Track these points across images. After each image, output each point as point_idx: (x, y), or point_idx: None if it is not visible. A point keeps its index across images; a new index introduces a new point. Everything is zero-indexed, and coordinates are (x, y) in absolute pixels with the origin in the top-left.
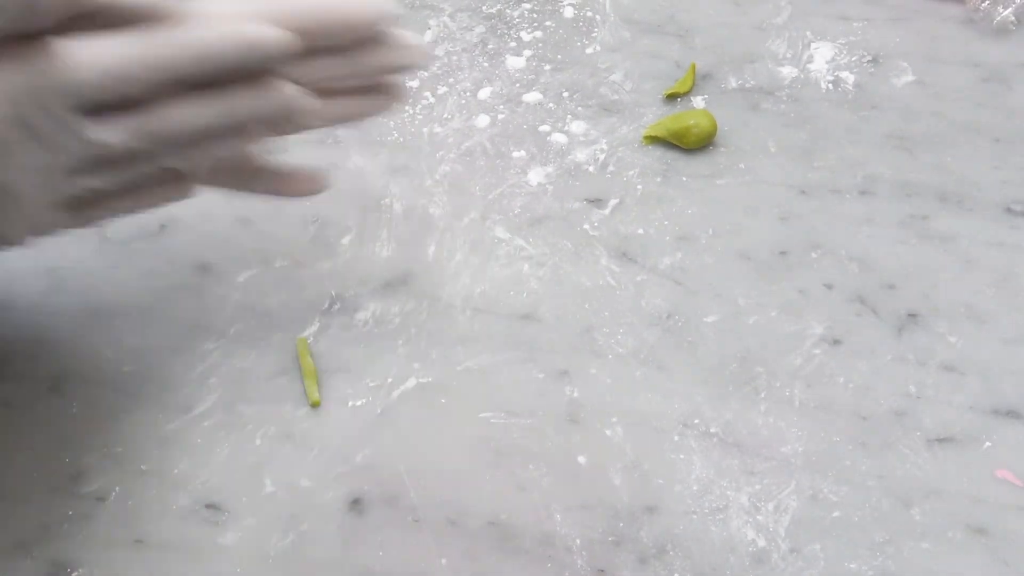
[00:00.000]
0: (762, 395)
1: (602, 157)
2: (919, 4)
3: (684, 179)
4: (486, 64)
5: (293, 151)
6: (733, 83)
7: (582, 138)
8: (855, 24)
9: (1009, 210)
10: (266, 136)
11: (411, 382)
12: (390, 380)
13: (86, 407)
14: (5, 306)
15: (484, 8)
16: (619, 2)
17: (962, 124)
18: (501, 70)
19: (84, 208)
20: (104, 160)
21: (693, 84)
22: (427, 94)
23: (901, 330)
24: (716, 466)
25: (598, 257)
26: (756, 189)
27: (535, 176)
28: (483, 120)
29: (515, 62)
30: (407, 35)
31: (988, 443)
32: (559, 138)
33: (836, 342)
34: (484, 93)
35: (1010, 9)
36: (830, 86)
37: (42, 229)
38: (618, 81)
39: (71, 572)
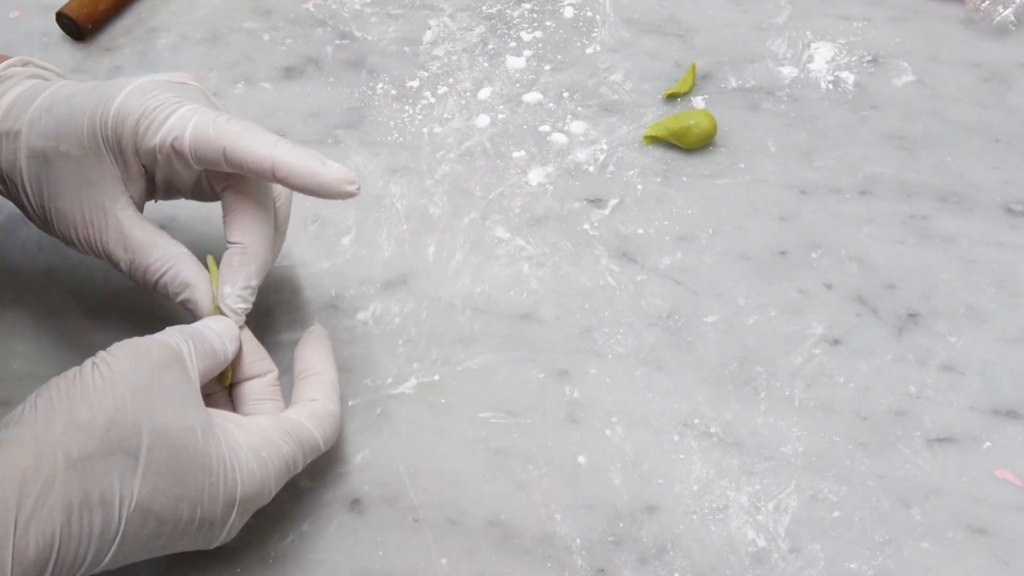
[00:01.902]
0: (762, 395)
1: (602, 157)
2: (919, 4)
3: (684, 179)
4: (486, 64)
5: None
6: (733, 83)
7: (582, 138)
8: (855, 24)
9: (1009, 210)
10: None
11: (411, 382)
12: (390, 380)
13: None
14: (5, 306)
15: (484, 8)
16: (619, 2)
17: (962, 124)
18: (501, 70)
19: None
20: None
21: (693, 84)
22: (427, 94)
23: (901, 330)
24: (716, 466)
25: (598, 257)
26: (756, 189)
27: (535, 176)
28: (483, 120)
29: (515, 62)
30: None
31: (988, 443)
32: (559, 138)
33: (836, 342)
34: (484, 93)
35: (1010, 9)
36: (830, 86)
37: None
38: (618, 81)
39: None
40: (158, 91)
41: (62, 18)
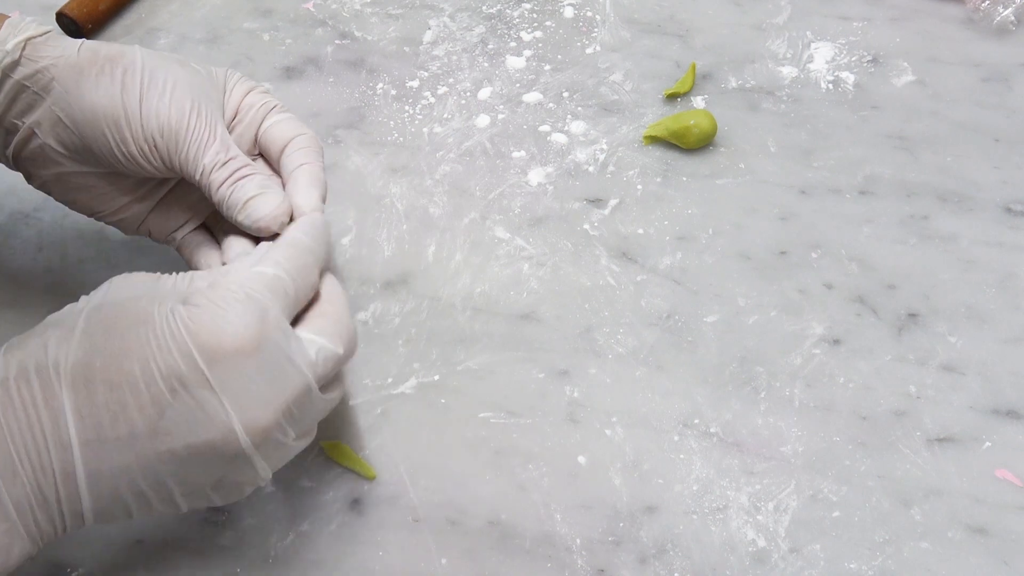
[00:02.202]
0: (762, 395)
1: (602, 157)
2: (919, 4)
3: (684, 179)
4: (486, 64)
5: None
6: (733, 83)
7: (582, 138)
8: (855, 24)
9: (1009, 210)
10: None
11: (411, 382)
12: (390, 380)
13: None
14: (5, 306)
15: (484, 8)
16: (619, 2)
17: (962, 124)
18: (501, 70)
19: None
20: None
21: (693, 84)
22: (427, 94)
23: (901, 330)
24: (716, 466)
25: (598, 257)
26: (756, 189)
27: (535, 176)
28: (483, 120)
29: (515, 62)
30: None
31: (988, 443)
32: (559, 138)
33: (836, 342)
34: (484, 93)
35: (1010, 9)
36: (830, 86)
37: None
38: (618, 81)
39: (71, 572)
40: None
41: (62, 18)
